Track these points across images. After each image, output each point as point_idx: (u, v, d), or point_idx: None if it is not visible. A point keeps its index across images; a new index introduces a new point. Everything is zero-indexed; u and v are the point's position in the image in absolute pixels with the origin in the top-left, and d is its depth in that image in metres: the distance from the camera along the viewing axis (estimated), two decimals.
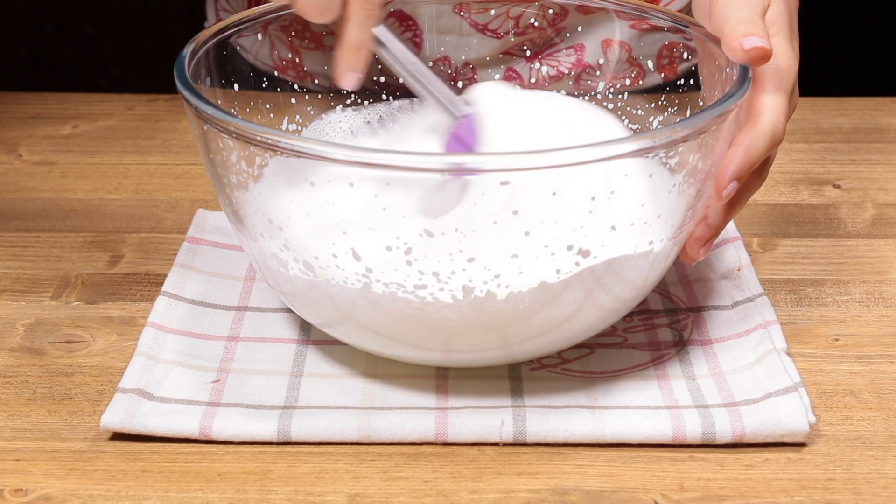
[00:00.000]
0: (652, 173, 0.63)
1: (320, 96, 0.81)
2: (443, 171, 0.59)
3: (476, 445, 0.64)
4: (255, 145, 0.62)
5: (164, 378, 0.68)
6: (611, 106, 0.80)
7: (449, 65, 0.87)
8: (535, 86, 0.90)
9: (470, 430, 0.64)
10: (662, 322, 0.74)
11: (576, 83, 0.85)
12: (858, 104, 1.06)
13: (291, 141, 0.60)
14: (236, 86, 0.75)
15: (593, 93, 0.81)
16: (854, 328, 0.75)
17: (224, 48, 0.73)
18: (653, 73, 0.82)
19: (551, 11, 0.86)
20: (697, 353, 0.71)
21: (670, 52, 0.79)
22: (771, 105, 0.66)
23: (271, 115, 0.78)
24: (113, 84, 2.13)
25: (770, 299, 0.75)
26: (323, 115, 0.80)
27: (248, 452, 0.64)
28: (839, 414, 0.67)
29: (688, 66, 0.76)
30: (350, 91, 0.83)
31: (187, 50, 0.70)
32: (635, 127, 0.79)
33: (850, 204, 0.90)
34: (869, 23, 2.18)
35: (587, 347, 0.72)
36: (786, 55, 0.68)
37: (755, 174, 0.69)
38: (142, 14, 2.11)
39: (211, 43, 0.72)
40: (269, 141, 0.61)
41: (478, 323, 0.64)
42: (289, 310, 0.75)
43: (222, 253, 0.80)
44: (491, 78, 0.88)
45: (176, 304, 0.74)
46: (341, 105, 0.80)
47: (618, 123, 0.74)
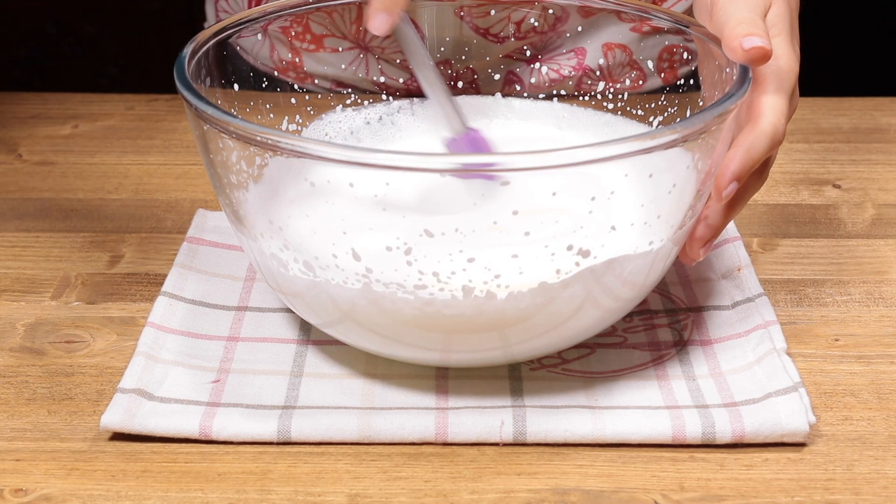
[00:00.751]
0: (652, 173, 0.63)
1: (320, 96, 0.81)
2: (443, 171, 0.59)
3: (476, 445, 0.64)
4: (255, 145, 0.62)
5: (164, 378, 0.68)
6: (611, 106, 0.80)
7: (450, 67, 0.87)
8: (536, 88, 0.90)
9: (470, 430, 0.64)
10: (662, 322, 0.74)
11: (576, 86, 0.85)
12: (858, 104, 1.06)
13: (291, 141, 0.60)
14: (236, 86, 0.75)
15: (593, 93, 0.81)
16: (854, 328, 0.75)
17: (224, 48, 0.73)
18: (653, 76, 0.82)
19: (551, 12, 0.86)
20: (697, 353, 0.71)
21: (671, 56, 0.79)
22: (771, 106, 0.66)
23: (271, 115, 0.78)
24: (113, 84, 2.13)
25: (770, 299, 0.75)
26: (323, 115, 0.80)
27: (248, 452, 0.64)
28: (839, 414, 0.67)
29: (688, 69, 0.76)
30: (350, 91, 0.83)
31: (187, 50, 0.70)
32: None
33: (850, 204, 0.90)
34: (869, 23, 2.18)
35: (587, 347, 0.72)
36: (786, 56, 0.68)
37: (755, 175, 0.69)
38: (142, 14, 2.11)
39: (211, 43, 0.72)
40: (269, 141, 0.61)
41: (478, 323, 0.64)
42: (289, 310, 0.75)
43: (222, 253, 0.80)
44: (491, 79, 0.88)
45: (176, 304, 0.74)
46: (341, 105, 0.80)
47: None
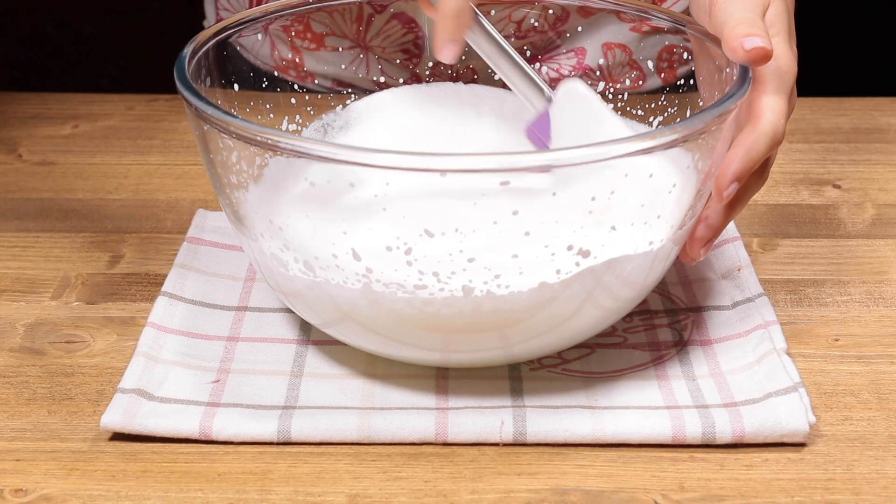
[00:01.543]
0: (652, 173, 0.63)
1: (320, 96, 0.81)
2: (443, 172, 0.59)
3: (476, 445, 0.64)
4: (255, 145, 0.62)
5: (164, 378, 0.68)
6: (610, 106, 0.80)
7: (450, 66, 0.87)
8: None
9: (470, 430, 0.64)
10: (662, 322, 0.74)
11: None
12: (858, 104, 1.06)
13: (291, 141, 0.60)
14: (236, 86, 0.75)
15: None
16: (854, 328, 0.75)
17: (224, 48, 0.73)
18: (653, 76, 0.82)
19: (551, 12, 0.86)
20: (697, 354, 0.71)
21: (670, 55, 0.79)
22: (771, 106, 0.66)
23: (271, 115, 0.78)
24: (113, 84, 2.13)
25: (770, 299, 0.75)
26: (323, 116, 0.80)
27: (248, 452, 0.64)
28: (839, 414, 0.67)
29: (688, 69, 0.76)
30: (351, 91, 0.83)
31: (187, 50, 0.70)
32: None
33: (850, 204, 0.90)
34: (869, 23, 2.18)
35: (587, 347, 0.72)
36: (785, 56, 0.68)
37: (756, 175, 0.69)
38: (142, 14, 2.11)
39: (211, 43, 0.72)
40: (269, 141, 0.61)
41: (478, 323, 0.64)
42: (289, 310, 0.75)
43: (222, 253, 0.80)
44: (491, 79, 0.88)
45: (176, 304, 0.74)
46: (341, 105, 0.80)
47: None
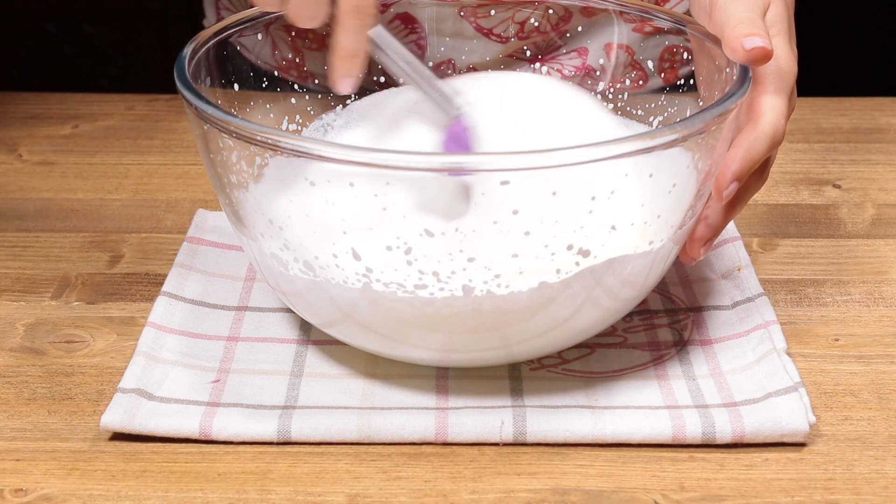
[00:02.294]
0: (652, 173, 0.63)
1: (320, 96, 0.81)
2: (443, 171, 0.59)
3: (476, 445, 0.64)
4: (255, 145, 0.62)
5: (164, 378, 0.68)
6: (611, 106, 0.80)
7: (452, 67, 0.87)
8: None
9: (470, 430, 0.64)
10: (662, 322, 0.74)
11: (577, 86, 0.85)
12: (858, 104, 1.06)
13: (291, 141, 0.60)
14: (236, 86, 0.75)
15: (594, 93, 0.81)
16: (854, 328, 0.75)
17: (224, 48, 0.73)
18: (654, 77, 0.82)
19: (553, 12, 0.86)
20: (697, 353, 0.71)
21: (672, 56, 0.79)
22: (771, 106, 0.66)
23: (271, 115, 0.78)
24: (113, 84, 2.13)
25: (770, 299, 0.75)
26: (323, 115, 0.80)
27: (248, 452, 0.64)
28: (839, 414, 0.67)
29: (689, 70, 0.76)
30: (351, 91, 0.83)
31: (187, 50, 0.70)
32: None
33: (850, 204, 0.90)
34: (869, 23, 2.18)
35: (587, 347, 0.72)
36: (786, 56, 0.68)
37: (756, 175, 0.69)
38: (142, 14, 2.11)
39: (211, 43, 0.72)
40: (269, 141, 0.61)
41: (478, 323, 0.64)
42: (289, 310, 0.75)
43: (222, 253, 0.80)
44: None
45: (176, 304, 0.74)
46: (341, 105, 0.80)
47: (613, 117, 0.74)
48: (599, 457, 0.64)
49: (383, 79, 0.86)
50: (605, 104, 0.80)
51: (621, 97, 0.80)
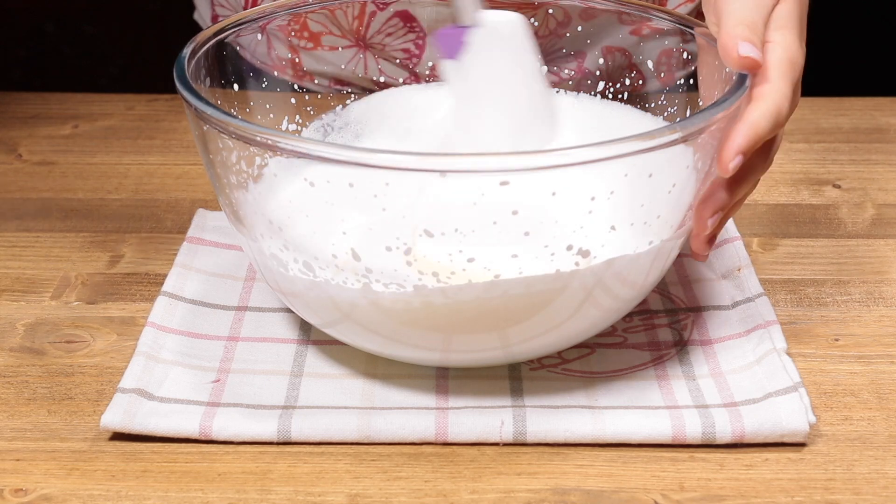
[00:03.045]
0: (652, 173, 0.63)
1: (320, 96, 0.81)
2: (443, 172, 0.59)
3: (476, 445, 0.64)
4: (255, 145, 0.62)
5: (164, 378, 0.68)
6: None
7: None
8: None
9: (470, 430, 0.64)
10: (662, 322, 0.74)
11: (576, 87, 0.85)
12: (858, 104, 1.06)
13: (291, 141, 0.60)
14: (236, 86, 0.75)
15: (593, 93, 0.81)
16: (854, 328, 0.75)
17: (223, 48, 0.73)
18: (653, 79, 0.82)
19: (551, 12, 0.86)
20: (697, 353, 0.71)
21: (669, 59, 0.79)
22: (777, 88, 0.65)
23: (271, 115, 0.78)
24: (113, 84, 2.13)
25: (770, 299, 0.75)
26: (322, 116, 0.80)
27: (248, 452, 0.64)
28: (839, 414, 0.67)
29: (686, 72, 0.76)
30: (350, 91, 0.83)
31: (187, 50, 0.70)
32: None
33: (850, 204, 0.90)
34: (869, 23, 2.18)
35: (587, 347, 0.72)
36: (796, 48, 0.67)
37: (761, 155, 0.68)
38: (142, 14, 2.11)
39: (211, 43, 0.72)
40: (269, 141, 0.61)
41: (478, 323, 0.64)
42: (289, 310, 0.75)
43: (222, 253, 0.80)
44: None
45: (176, 304, 0.74)
46: (341, 105, 0.80)
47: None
48: (599, 457, 0.64)
49: (383, 78, 0.86)
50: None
51: (621, 97, 0.80)
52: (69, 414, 0.67)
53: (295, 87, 0.81)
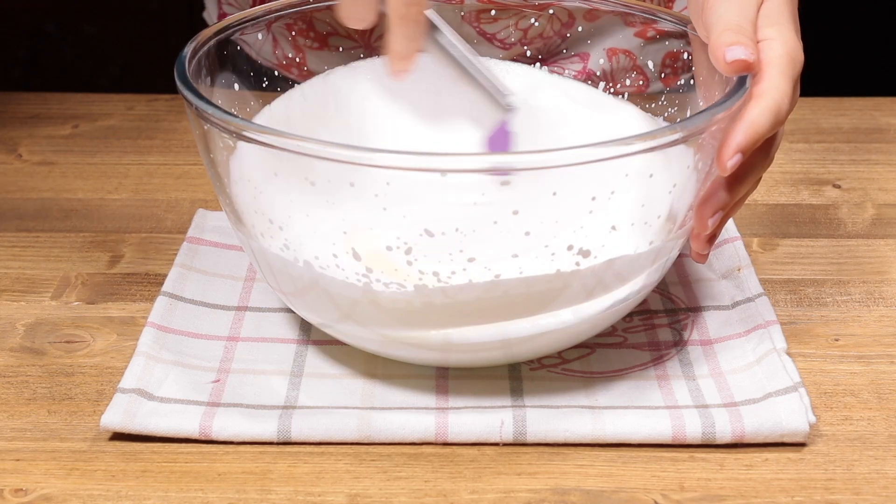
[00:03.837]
0: (652, 173, 0.63)
1: None
2: (444, 172, 0.59)
3: (476, 445, 0.64)
4: (255, 145, 0.62)
5: (164, 378, 0.68)
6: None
7: None
8: None
9: (470, 430, 0.64)
10: (662, 322, 0.74)
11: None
12: (858, 104, 1.06)
13: (292, 141, 0.60)
14: (236, 86, 0.75)
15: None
16: (854, 328, 0.75)
17: (225, 47, 0.73)
18: (656, 81, 0.82)
19: (551, 12, 0.86)
20: (697, 353, 0.71)
21: (674, 61, 0.79)
22: (776, 85, 0.65)
23: None
24: (113, 84, 2.13)
25: (770, 299, 0.75)
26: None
27: (248, 452, 0.64)
28: (839, 414, 0.67)
29: (691, 74, 0.76)
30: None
31: (188, 49, 0.70)
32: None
33: (850, 204, 0.90)
34: (869, 23, 2.18)
35: (587, 347, 0.72)
36: (794, 44, 0.66)
37: (761, 153, 0.67)
38: (142, 14, 2.11)
39: (212, 42, 0.72)
40: (269, 141, 0.61)
41: (478, 323, 0.64)
42: (289, 310, 0.75)
43: (222, 253, 0.80)
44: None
45: (176, 304, 0.74)
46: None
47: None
48: (599, 457, 0.64)
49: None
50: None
51: (622, 97, 0.80)
52: (69, 414, 0.67)
53: (296, 87, 0.80)
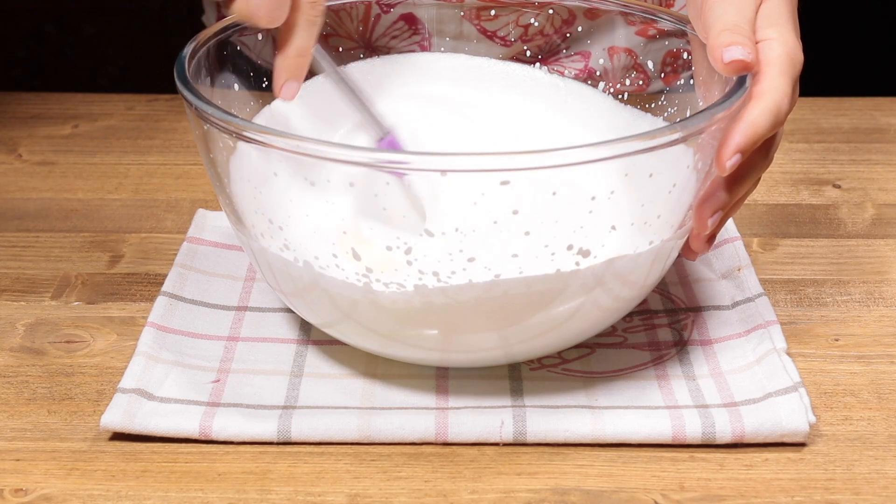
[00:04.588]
0: (652, 173, 0.63)
1: None
2: (443, 171, 0.59)
3: (476, 445, 0.64)
4: (255, 145, 0.62)
5: (164, 378, 0.68)
6: None
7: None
8: None
9: (470, 430, 0.64)
10: (662, 322, 0.74)
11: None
12: (858, 104, 1.06)
13: (292, 141, 0.60)
14: (236, 85, 0.75)
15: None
16: (854, 328, 0.75)
17: (224, 48, 0.73)
18: (657, 80, 0.82)
19: (551, 11, 0.86)
20: (697, 353, 0.71)
21: (674, 60, 0.79)
22: (776, 85, 0.65)
23: None
24: (113, 84, 2.13)
25: (770, 299, 0.75)
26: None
27: (248, 452, 0.64)
28: (839, 414, 0.67)
29: (691, 74, 0.76)
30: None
31: (187, 50, 0.70)
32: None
33: (850, 204, 0.90)
34: (869, 23, 2.18)
35: (587, 347, 0.72)
36: (794, 44, 0.66)
37: (761, 153, 0.67)
38: (142, 14, 2.11)
39: (211, 43, 0.72)
40: (269, 141, 0.61)
41: (478, 323, 0.64)
42: (289, 310, 0.75)
43: (222, 253, 0.80)
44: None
45: (176, 304, 0.74)
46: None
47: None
48: (599, 457, 0.64)
49: None
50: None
51: (621, 97, 0.80)
52: (69, 414, 0.67)
53: None
